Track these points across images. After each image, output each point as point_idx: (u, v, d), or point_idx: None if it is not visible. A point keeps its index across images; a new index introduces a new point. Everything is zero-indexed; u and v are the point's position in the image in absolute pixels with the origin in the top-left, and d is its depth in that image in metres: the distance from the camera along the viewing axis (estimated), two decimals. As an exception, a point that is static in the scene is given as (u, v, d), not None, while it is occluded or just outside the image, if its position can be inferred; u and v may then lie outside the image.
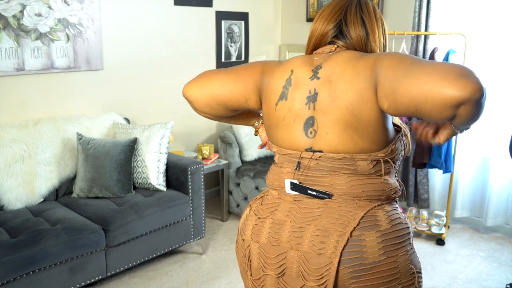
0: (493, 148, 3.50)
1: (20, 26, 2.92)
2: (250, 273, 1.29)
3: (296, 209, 1.24)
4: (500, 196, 3.51)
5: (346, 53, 1.21)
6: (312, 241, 1.18)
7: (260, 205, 1.32)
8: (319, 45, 1.30)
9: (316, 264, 1.17)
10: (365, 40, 1.24)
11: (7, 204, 2.77)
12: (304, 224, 1.21)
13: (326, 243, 1.16)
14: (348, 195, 1.20)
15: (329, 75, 1.18)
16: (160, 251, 2.98)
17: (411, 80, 1.03)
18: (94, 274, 2.64)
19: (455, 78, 0.98)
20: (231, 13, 4.18)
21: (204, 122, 4.18)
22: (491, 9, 3.39)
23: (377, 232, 1.17)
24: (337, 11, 1.27)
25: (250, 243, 1.28)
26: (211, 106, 1.33)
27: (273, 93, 1.26)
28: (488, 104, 3.48)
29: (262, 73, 1.29)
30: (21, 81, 3.02)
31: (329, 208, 1.20)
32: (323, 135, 1.19)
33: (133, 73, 3.60)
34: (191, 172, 3.08)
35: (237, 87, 1.28)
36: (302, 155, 1.22)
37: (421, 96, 1.01)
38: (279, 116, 1.24)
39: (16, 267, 2.29)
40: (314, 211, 1.21)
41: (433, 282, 2.94)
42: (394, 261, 1.17)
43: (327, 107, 1.17)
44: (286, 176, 1.27)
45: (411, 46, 3.65)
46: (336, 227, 1.17)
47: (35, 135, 2.89)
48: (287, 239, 1.21)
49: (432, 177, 3.79)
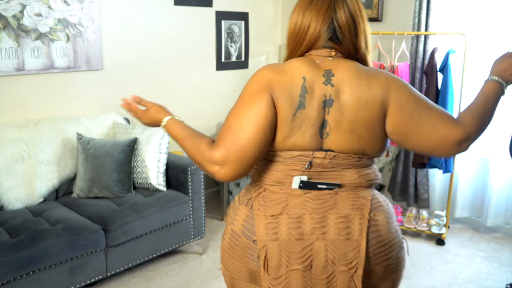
0: (493, 148, 3.50)
1: (20, 26, 2.92)
2: (268, 273, 1.25)
3: (310, 202, 1.25)
4: (500, 196, 3.51)
5: (351, 64, 1.26)
6: (337, 228, 1.22)
7: (263, 203, 1.28)
8: (312, 47, 1.30)
9: (344, 249, 1.21)
10: (356, 43, 1.29)
11: (7, 204, 2.77)
12: (324, 213, 1.24)
13: (351, 227, 1.23)
14: (355, 184, 1.29)
15: (341, 85, 1.24)
16: (160, 251, 2.98)
17: (423, 127, 1.24)
18: (94, 274, 2.64)
19: (455, 122, 1.27)
20: (231, 13, 4.18)
21: (204, 122, 4.18)
22: (491, 9, 3.39)
23: (383, 212, 1.29)
24: (326, 7, 1.26)
25: (266, 242, 1.24)
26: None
27: (289, 105, 1.22)
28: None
29: (269, 92, 1.22)
30: (21, 81, 3.02)
31: (341, 197, 1.26)
32: (335, 139, 1.25)
33: (133, 73, 3.60)
34: (191, 172, 3.08)
35: (263, 130, 1.21)
36: (315, 155, 1.26)
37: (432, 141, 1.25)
38: (295, 125, 1.23)
39: (16, 267, 2.29)
40: (328, 201, 1.25)
41: (433, 282, 2.94)
42: (397, 235, 1.32)
43: (342, 117, 1.23)
44: (293, 173, 1.27)
45: (411, 46, 3.65)
46: (355, 211, 1.24)
47: (35, 135, 2.89)
48: (310, 231, 1.23)
49: (432, 177, 3.79)
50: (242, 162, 1.21)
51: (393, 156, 3.88)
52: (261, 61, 4.53)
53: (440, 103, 3.34)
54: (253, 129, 1.20)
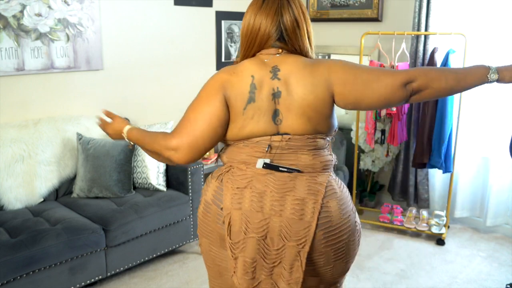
0: (493, 148, 3.50)
1: (20, 26, 2.92)
2: (230, 237, 1.44)
3: (272, 181, 1.43)
4: (500, 196, 3.51)
5: (296, 59, 1.46)
6: (293, 209, 1.40)
7: (231, 177, 1.48)
8: (263, 47, 1.48)
9: (297, 227, 1.39)
10: (300, 43, 1.48)
11: (7, 204, 2.77)
12: (283, 194, 1.42)
13: (305, 210, 1.40)
14: (311, 167, 1.46)
15: (287, 77, 1.44)
16: (160, 251, 2.98)
17: (372, 89, 1.41)
18: (94, 274, 2.64)
19: (398, 72, 1.42)
20: (231, 13, 4.18)
21: (204, 122, 4.18)
22: (491, 9, 3.39)
23: (336, 199, 1.45)
24: (274, 11, 1.44)
25: (231, 210, 1.44)
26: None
27: (239, 100, 1.44)
28: (488, 104, 3.48)
29: (222, 93, 1.45)
30: (21, 81, 3.02)
31: (299, 180, 1.43)
32: (288, 124, 1.45)
33: (133, 73, 3.60)
34: (191, 172, 3.08)
35: (213, 128, 1.44)
36: (273, 139, 1.45)
37: (382, 97, 1.42)
38: (247, 117, 1.44)
39: (16, 267, 2.29)
40: (288, 183, 1.43)
41: (433, 282, 2.94)
42: (348, 221, 1.46)
43: (291, 104, 1.43)
44: (257, 155, 1.46)
45: (411, 46, 3.65)
46: (310, 196, 1.41)
47: (35, 135, 2.89)
48: (270, 207, 1.41)
49: (432, 177, 3.79)
50: (194, 150, 1.44)
51: (393, 156, 3.88)
52: (261, 61, 4.53)
53: (440, 103, 3.35)
54: (206, 125, 1.43)
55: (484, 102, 3.49)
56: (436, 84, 1.41)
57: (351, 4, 4.11)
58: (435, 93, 1.44)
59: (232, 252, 1.44)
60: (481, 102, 3.51)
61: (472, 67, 1.46)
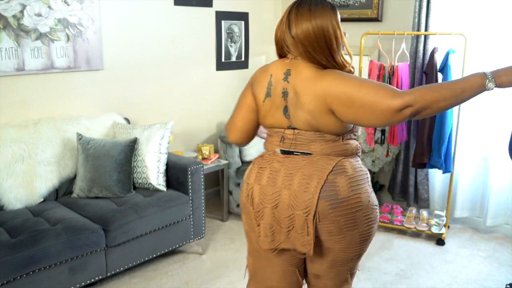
0: (493, 148, 3.50)
1: (20, 26, 2.92)
2: (252, 208, 1.72)
3: (287, 162, 1.68)
4: (500, 196, 3.51)
5: (306, 68, 1.61)
6: (300, 183, 1.62)
7: (261, 161, 1.76)
8: (283, 51, 1.68)
9: (302, 198, 1.61)
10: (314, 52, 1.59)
11: (7, 204, 2.77)
12: (293, 171, 1.65)
13: (310, 184, 1.61)
14: (323, 153, 1.65)
15: (295, 82, 1.62)
16: (160, 251, 2.98)
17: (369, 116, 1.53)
18: (94, 274, 2.64)
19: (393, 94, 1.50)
20: (231, 13, 4.18)
21: (204, 122, 4.18)
22: (491, 9, 3.39)
23: (345, 176, 1.62)
24: (286, 24, 1.62)
25: (253, 185, 1.72)
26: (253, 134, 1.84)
27: (261, 94, 1.71)
28: (488, 104, 3.48)
29: (252, 85, 1.75)
30: (21, 81, 3.02)
31: (311, 161, 1.64)
32: (295, 120, 1.65)
33: (133, 73, 3.60)
34: (191, 172, 3.08)
35: (246, 110, 1.77)
36: (285, 132, 1.69)
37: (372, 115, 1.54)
38: (266, 109, 1.70)
39: (16, 267, 2.29)
40: (299, 163, 1.66)
41: (433, 282, 2.94)
42: (358, 197, 1.62)
43: (295, 104, 1.62)
44: (276, 143, 1.73)
45: (411, 46, 3.65)
46: (317, 173, 1.61)
47: (35, 135, 2.89)
48: (281, 182, 1.66)
49: (432, 177, 3.79)
50: (234, 130, 1.81)
51: (393, 156, 3.88)
52: (261, 61, 4.53)
53: (440, 103, 3.34)
54: (240, 111, 1.79)
55: (484, 102, 3.49)
56: (435, 105, 1.46)
57: (351, 4, 4.11)
58: (435, 111, 1.50)
59: (255, 220, 1.72)
60: (481, 102, 3.51)
61: (469, 77, 1.48)
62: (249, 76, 1.79)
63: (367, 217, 1.67)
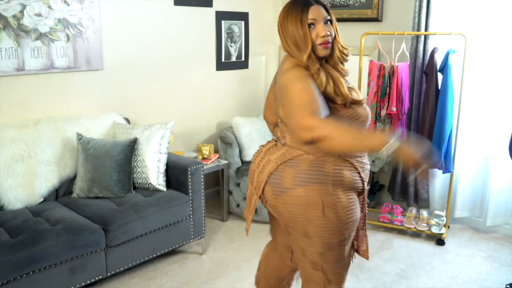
0: (493, 148, 3.50)
1: (20, 26, 2.92)
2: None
3: (270, 147, 1.91)
4: (500, 196, 3.51)
5: (283, 61, 1.85)
6: (264, 166, 1.85)
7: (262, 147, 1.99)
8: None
9: (258, 178, 1.88)
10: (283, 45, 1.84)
11: (7, 204, 2.77)
12: (265, 155, 1.89)
13: (265, 168, 1.84)
14: (291, 145, 1.81)
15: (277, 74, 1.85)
16: (160, 251, 2.98)
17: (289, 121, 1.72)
18: (94, 274, 2.64)
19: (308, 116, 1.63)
20: (231, 13, 4.18)
21: (204, 122, 4.18)
22: (491, 9, 3.38)
23: (295, 169, 1.76)
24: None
25: (250, 166, 2.00)
26: None
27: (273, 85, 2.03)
28: (488, 104, 3.48)
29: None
30: (21, 81, 3.02)
31: (278, 150, 1.84)
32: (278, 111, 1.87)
33: (133, 73, 3.60)
34: (191, 172, 3.08)
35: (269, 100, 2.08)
36: (279, 121, 1.90)
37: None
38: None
39: (16, 267, 2.29)
40: (273, 149, 1.88)
41: (433, 282, 2.94)
42: (303, 191, 1.74)
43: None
44: (276, 132, 1.98)
45: (411, 46, 3.65)
46: (276, 160, 1.81)
47: (35, 135, 2.89)
48: (256, 162, 1.93)
49: (432, 177, 3.79)
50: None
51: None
52: (261, 61, 4.53)
53: (440, 103, 3.35)
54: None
55: (484, 102, 3.50)
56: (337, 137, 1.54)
57: (351, 4, 4.11)
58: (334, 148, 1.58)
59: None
60: (481, 102, 3.51)
61: (377, 134, 1.56)
62: (249, 76, 1.94)
63: (315, 215, 1.73)
